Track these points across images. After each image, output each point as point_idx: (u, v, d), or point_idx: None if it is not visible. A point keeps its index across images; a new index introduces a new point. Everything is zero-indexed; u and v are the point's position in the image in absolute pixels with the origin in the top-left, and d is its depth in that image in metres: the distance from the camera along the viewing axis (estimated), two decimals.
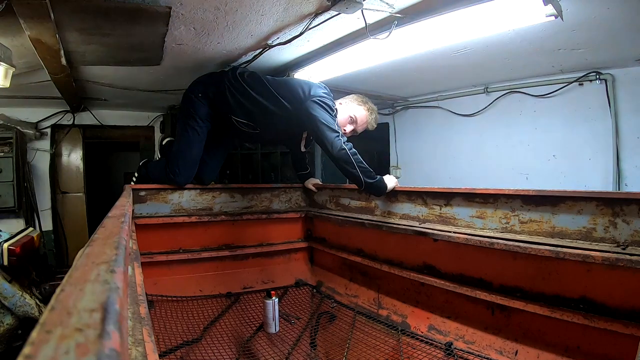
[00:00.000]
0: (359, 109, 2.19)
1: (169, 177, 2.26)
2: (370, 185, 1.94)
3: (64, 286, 0.34)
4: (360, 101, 2.21)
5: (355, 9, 1.66)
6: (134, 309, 0.80)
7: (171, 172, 2.25)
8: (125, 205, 1.12)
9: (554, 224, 1.48)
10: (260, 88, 2.17)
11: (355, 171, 1.90)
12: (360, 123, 2.18)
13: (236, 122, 2.21)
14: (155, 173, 2.38)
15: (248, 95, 2.14)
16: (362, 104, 2.20)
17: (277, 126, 2.22)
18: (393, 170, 4.45)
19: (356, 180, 1.93)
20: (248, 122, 2.21)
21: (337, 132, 1.95)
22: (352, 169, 1.90)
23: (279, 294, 2.35)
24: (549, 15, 1.57)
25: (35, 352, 0.23)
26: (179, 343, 1.77)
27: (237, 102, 2.16)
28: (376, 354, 1.71)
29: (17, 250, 2.33)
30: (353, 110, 2.17)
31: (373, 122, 2.24)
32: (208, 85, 2.25)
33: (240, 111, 2.18)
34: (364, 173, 1.91)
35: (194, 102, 2.24)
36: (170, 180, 2.27)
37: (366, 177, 1.91)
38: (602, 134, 2.75)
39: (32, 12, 1.51)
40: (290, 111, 2.11)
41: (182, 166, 2.24)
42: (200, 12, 1.78)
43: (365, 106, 2.20)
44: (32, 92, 3.28)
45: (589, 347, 1.34)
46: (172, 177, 2.25)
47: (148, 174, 2.42)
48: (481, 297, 1.62)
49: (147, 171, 2.45)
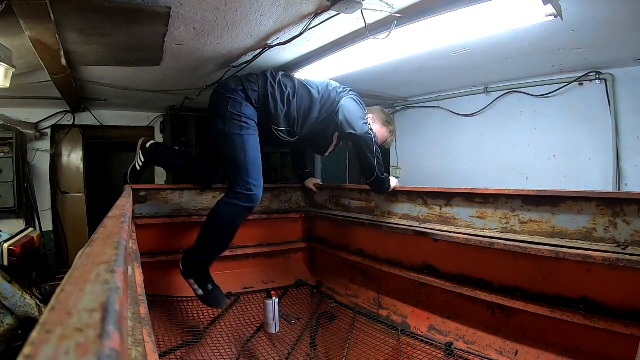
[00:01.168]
0: (382, 131, 2.25)
1: (244, 193, 1.89)
2: (379, 180, 2.01)
3: (64, 286, 0.34)
4: (385, 122, 2.27)
5: (354, 9, 1.66)
6: (134, 309, 0.80)
7: (249, 185, 1.89)
8: (125, 205, 1.12)
9: (554, 224, 1.48)
10: (301, 95, 2.13)
11: (373, 159, 1.96)
12: (380, 142, 2.22)
13: (276, 131, 2.11)
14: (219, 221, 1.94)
15: (290, 103, 2.08)
16: (386, 126, 2.27)
17: (314, 131, 2.18)
18: (393, 170, 4.45)
19: (370, 168, 1.99)
20: (289, 130, 2.13)
21: (367, 123, 2.02)
22: (370, 154, 1.96)
23: (279, 294, 2.35)
24: (548, 15, 1.57)
25: (35, 352, 0.23)
26: (179, 343, 1.77)
27: (280, 110, 2.06)
28: (376, 354, 1.71)
29: (17, 251, 2.33)
30: (376, 130, 2.17)
31: (390, 143, 2.35)
32: (252, 94, 2.06)
33: (284, 121, 2.09)
34: (379, 165, 1.99)
35: (240, 103, 2.02)
36: (247, 195, 1.89)
37: (380, 172, 1.99)
38: (602, 133, 2.75)
39: (32, 13, 1.51)
40: (325, 115, 2.13)
41: (259, 175, 1.96)
42: (200, 12, 1.78)
43: (389, 128, 2.28)
44: (32, 93, 3.28)
45: (589, 347, 1.34)
46: (253, 191, 1.90)
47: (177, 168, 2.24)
48: (481, 297, 1.62)
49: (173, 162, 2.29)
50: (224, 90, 2.09)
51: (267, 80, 2.10)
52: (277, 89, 2.08)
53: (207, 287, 1.91)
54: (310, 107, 2.12)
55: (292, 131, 2.14)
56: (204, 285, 1.90)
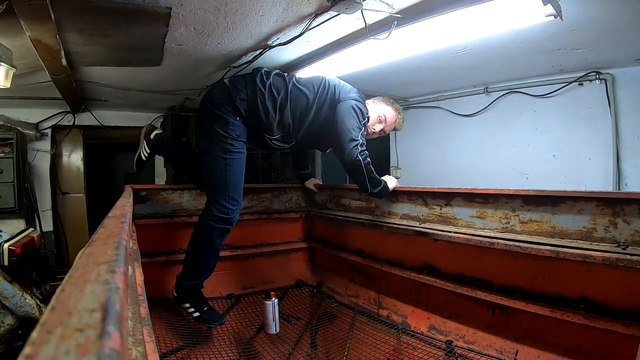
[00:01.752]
0: (388, 109, 2.17)
1: (219, 215, 1.88)
2: (374, 193, 1.96)
3: (64, 286, 0.34)
4: (389, 102, 2.21)
5: (355, 10, 1.66)
6: (134, 309, 0.80)
7: (225, 208, 1.87)
8: (125, 205, 1.12)
9: (554, 224, 1.48)
10: (294, 98, 2.00)
11: (364, 180, 1.90)
12: (389, 122, 2.17)
13: (269, 139, 2.03)
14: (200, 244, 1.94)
15: (283, 109, 1.97)
16: (391, 104, 2.20)
17: (312, 133, 2.07)
18: (393, 170, 4.45)
19: (363, 187, 1.94)
20: (283, 136, 2.04)
21: (359, 141, 1.90)
22: (362, 178, 1.90)
23: (280, 295, 2.35)
24: (548, 15, 1.57)
25: (35, 352, 0.23)
26: (180, 344, 1.77)
27: (272, 118, 1.96)
28: (376, 353, 1.71)
29: (18, 251, 2.33)
30: (382, 110, 2.16)
31: (401, 122, 2.24)
32: (240, 103, 1.95)
33: (277, 128, 1.99)
34: (372, 182, 1.92)
35: (227, 121, 1.92)
36: (222, 218, 1.88)
37: (373, 187, 1.93)
38: (602, 134, 2.75)
39: (33, 13, 1.51)
40: (323, 116, 2.01)
41: (237, 197, 1.93)
42: (200, 12, 1.78)
43: (394, 106, 2.20)
44: (33, 93, 3.28)
45: (589, 347, 1.34)
46: (229, 214, 1.89)
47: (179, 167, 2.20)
48: (481, 297, 1.62)
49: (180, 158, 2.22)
50: (210, 104, 1.98)
51: (256, 87, 1.96)
52: (268, 96, 1.95)
53: (202, 308, 1.92)
54: (305, 111, 2.01)
55: (287, 137, 2.06)
56: (199, 307, 1.91)
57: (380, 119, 2.15)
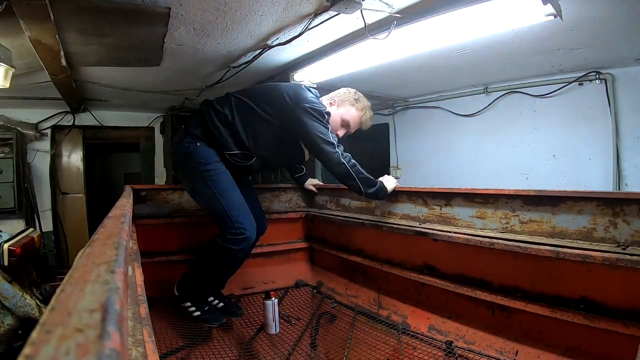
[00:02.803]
0: (351, 111, 1.98)
1: (236, 238, 1.79)
2: (370, 194, 1.88)
3: (64, 286, 0.34)
4: (353, 100, 1.99)
5: (354, 9, 1.66)
6: (134, 309, 0.80)
7: (237, 230, 1.79)
8: (125, 205, 1.12)
9: (554, 224, 1.48)
10: (240, 109, 1.88)
11: (355, 183, 1.82)
12: (353, 125, 2.01)
13: (229, 156, 1.90)
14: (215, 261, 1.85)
15: (231, 122, 1.86)
16: (354, 104, 1.99)
17: (271, 146, 1.93)
18: (393, 170, 4.45)
19: (356, 190, 1.86)
20: (242, 152, 1.90)
21: (334, 144, 1.81)
22: (352, 181, 1.82)
23: (279, 295, 2.35)
24: (548, 15, 1.57)
25: (35, 352, 0.23)
26: (180, 344, 1.76)
27: (224, 132, 1.86)
28: (376, 353, 1.71)
29: (18, 251, 2.34)
30: (345, 114, 1.98)
31: (367, 122, 2.04)
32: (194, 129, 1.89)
33: (234, 144, 1.88)
34: (363, 183, 1.83)
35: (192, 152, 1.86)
36: (239, 239, 1.79)
37: (366, 187, 1.84)
38: (602, 133, 2.75)
39: (32, 13, 1.51)
40: (278, 125, 1.87)
41: (245, 215, 1.84)
42: (199, 12, 1.79)
43: (357, 106, 1.99)
44: (33, 93, 3.29)
45: (589, 347, 1.34)
46: (245, 233, 1.79)
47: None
48: (481, 297, 1.62)
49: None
50: (177, 148, 1.92)
51: (202, 110, 1.93)
52: (213, 112, 1.88)
53: (203, 307, 1.89)
54: (256, 121, 1.87)
55: (248, 153, 1.91)
56: (200, 307, 1.88)
57: (344, 123, 1.99)
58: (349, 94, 2.01)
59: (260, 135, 1.88)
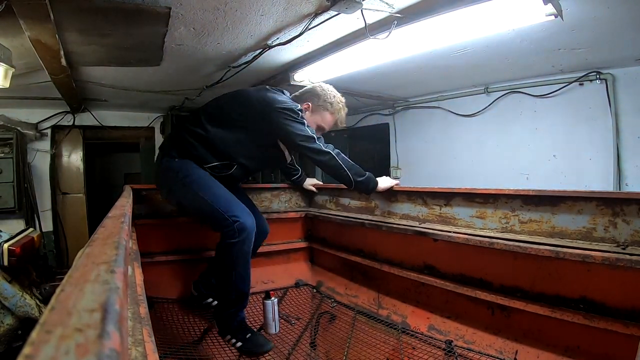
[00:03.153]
0: (326, 117, 1.97)
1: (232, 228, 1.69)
2: (360, 183, 1.85)
3: (64, 286, 0.34)
4: (327, 104, 1.95)
5: (354, 9, 1.66)
6: (134, 309, 0.80)
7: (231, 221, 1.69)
8: (125, 205, 1.12)
9: (554, 224, 1.48)
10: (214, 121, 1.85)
11: (344, 171, 1.81)
12: (328, 128, 2.02)
13: (210, 169, 1.85)
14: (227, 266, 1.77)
15: (205, 137, 1.83)
16: (328, 109, 1.96)
17: (250, 152, 1.89)
18: (393, 170, 4.45)
19: (345, 180, 1.85)
20: (221, 163, 1.86)
21: (314, 137, 1.79)
22: (340, 170, 1.81)
23: (279, 295, 2.35)
24: (548, 15, 1.58)
25: (35, 352, 0.23)
26: (180, 344, 1.76)
27: (198, 149, 1.83)
28: (376, 353, 1.71)
29: (18, 251, 2.33)
30: (320, 121, 1.97)
31: (343, 121, 2.02)
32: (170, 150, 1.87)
33: (210, 156, 1.84)
34: (352, 171, 1.82)
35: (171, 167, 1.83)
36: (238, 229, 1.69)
37: (356, 176, 1.84)
38: (602, 134, 2.75)
39: (32, 13, 1.51)
40: (253, 131, 1.84)
41: (236, 207, 1.75)
42: (200, 12, 1.79)
43: (332, 109, 1.96)
44: (32, 93, 3.29)
45: (589, 347, 1.34)
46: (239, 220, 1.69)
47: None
48: (481, 297, 1.62)
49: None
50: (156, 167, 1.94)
51: (174, 132, 1.97)
52: (186, 132, 1.86)
53: (246, 336, 1.78)
54: (231, 130, 1.83)
55: (227, 163, 1.87)
56: (241, 336, 1.78)
57: (319, 128, 1.98)
58: (324, 97, 1.95)
59: (238, 143, 1.84)
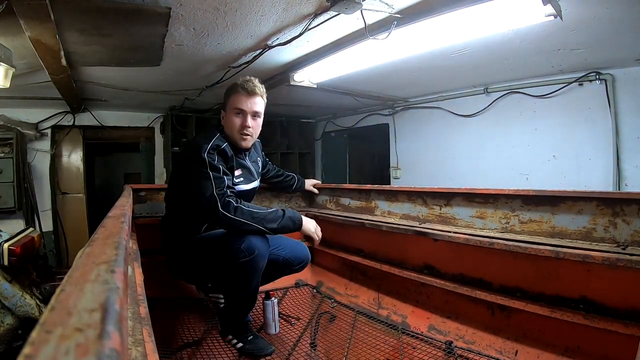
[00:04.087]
0: (230, 101, 1.68)
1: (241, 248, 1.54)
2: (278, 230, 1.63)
3: (64, 286, 0.34)
4: (227, 94, 1.72)
5: (354, 10, 1.66)
6: (134, 309, 0.80)
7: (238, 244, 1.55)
8: (125, 205, 1.12)
9: (554, 224, 1.48)
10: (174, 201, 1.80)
11: (254, 227, 1.55)
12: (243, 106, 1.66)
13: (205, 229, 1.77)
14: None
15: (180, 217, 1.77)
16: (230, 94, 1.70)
17: None
18: (393, 170, 4.45)
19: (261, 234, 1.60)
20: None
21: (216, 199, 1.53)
22: (250, 227, 1.55)
23: (279, 295, 2.35)
24: (548, 15, 1.58)
25: (35, 352, 0.23)
26: (179, 344, 1.76)
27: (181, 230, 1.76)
28: (376, 353, 1.71)
29: (18, 251, 2.33)
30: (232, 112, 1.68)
31: (245, 86, 1.65)
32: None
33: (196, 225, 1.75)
34: (262, 222, 1.57)
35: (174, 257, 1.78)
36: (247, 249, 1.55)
37: (269, 224, 1.59)
38: (602, 134, 2.75)
39: (33, 13, 1.51)
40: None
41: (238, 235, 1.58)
42: (199, 12, 1.79)
43: (230, 93, 1.70)
44: (33, 93, 3.29)
45: (589, 347, 1.34)
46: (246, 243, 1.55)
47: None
48: (481, 297, 1.62)
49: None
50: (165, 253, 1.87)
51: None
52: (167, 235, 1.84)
53: (248, 338, 1.75)
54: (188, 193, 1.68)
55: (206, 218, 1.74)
56: (242, 337, 1.75)
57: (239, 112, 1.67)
58: (225, 91, 1.75)
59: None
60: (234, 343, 1.77)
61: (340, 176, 5.30)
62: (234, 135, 1.70)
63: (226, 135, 1.70)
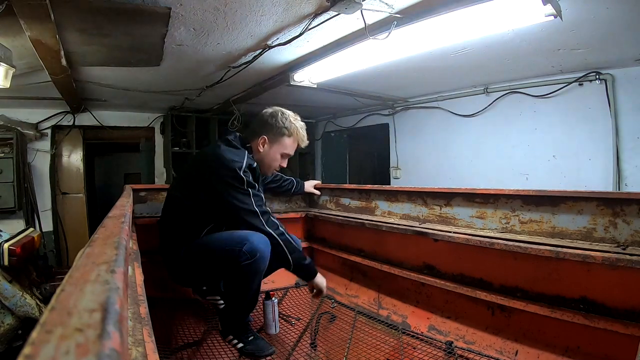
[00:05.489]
0: (284, 142, 1.83)
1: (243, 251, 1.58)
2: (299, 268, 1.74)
3: (64, 286, 0.34)
4: (284, 130, 1.81)
5: (354, 10, 1.66)
6: (134, 309, 0.80)
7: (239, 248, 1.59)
8: (125, 205, 1.12)
9: (554, 224, 1.48)
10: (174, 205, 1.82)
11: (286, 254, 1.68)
12: (292, 151, 1.88)
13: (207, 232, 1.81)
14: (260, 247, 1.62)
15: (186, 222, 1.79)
16: (286, 134, 1.82)
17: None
18: (393, 170, 4.45)
19: (285, 262, 1.71)
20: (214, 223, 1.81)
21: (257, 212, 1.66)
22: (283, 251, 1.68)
23: (280, 295, 2.35)
24: (548, 15, 1.58)
25: (35, 352, 0.23)
26: (180, 344, 1.76)
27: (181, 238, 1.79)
28: (377, 353, 1.71)
29: (18, 251, 2.33)
30: (280, 148, 1.83)
31: (304, 140, 1.88)
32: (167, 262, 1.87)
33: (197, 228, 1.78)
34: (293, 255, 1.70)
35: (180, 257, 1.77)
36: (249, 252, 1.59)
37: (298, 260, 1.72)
38: (602, 134, 2.75)
39: (33, 13, 1.51)
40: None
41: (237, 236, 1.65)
42: (199, 12, 1.79)
43: (287, 134, 1.82)
44: (33, 93, 3.29)
45: (589, 347, 1.34)
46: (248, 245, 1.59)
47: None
48: (481, 297, 1.62)
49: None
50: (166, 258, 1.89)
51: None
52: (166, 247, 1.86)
53: (248, 338, 1.77)
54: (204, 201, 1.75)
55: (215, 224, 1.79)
56: (243, 338, 1.76)
57: (284, 155, 1.87)
58: (277, 124, 1.81)
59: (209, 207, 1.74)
60: (234, 343, 1.78)
61: (340, 176, 5.31)
62: (267, 167, 1.87)
63: (254, 156, 1.81)
